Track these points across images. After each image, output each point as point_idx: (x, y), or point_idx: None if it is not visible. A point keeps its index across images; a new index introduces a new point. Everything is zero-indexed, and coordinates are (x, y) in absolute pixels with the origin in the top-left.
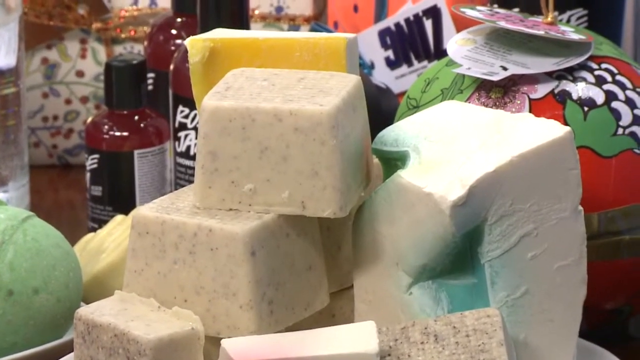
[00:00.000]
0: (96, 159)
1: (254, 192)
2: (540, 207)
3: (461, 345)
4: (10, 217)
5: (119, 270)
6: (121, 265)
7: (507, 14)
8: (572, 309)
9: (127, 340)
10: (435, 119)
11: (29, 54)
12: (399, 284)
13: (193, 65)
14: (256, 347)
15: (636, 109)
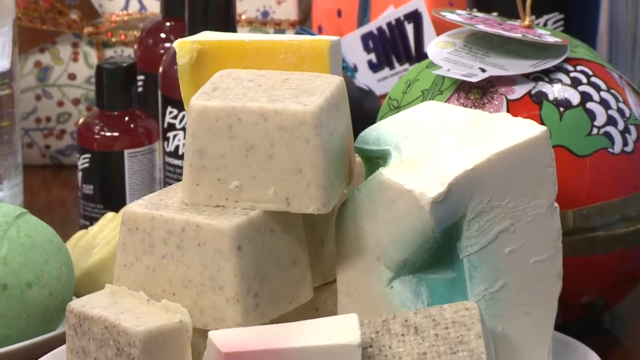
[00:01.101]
0: (88, 159)
1: (240, 189)
2: (517, 203)
3: (440, 337)
4: (4, 214)
5: (109, 265)
6: (112, 260)
7: (485, 18)
8: (548, 302)
9: (117, 332)
10: (416, 119)
11: (23, 58)
12: (380, 278)
13: (181, 66)
14: (242, 339)
15: (610, 109)
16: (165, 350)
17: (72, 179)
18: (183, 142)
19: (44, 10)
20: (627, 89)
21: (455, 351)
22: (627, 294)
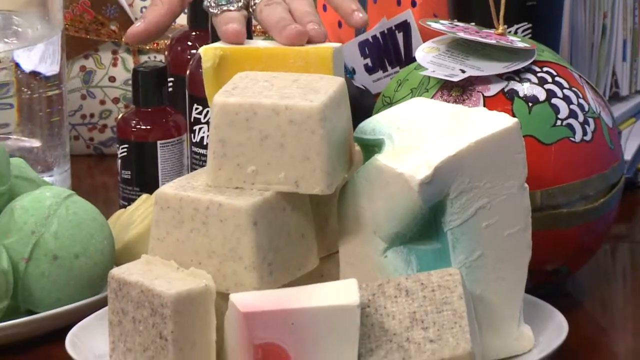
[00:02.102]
0: (126, 149)
1: (256, 173)
2: (493, 184)
3: (428, 298)
4: (55, 195)
5: (144, 238)
6: (146, 234)
7: (465, 27)
8: (520, 269)
9: (151, 295)
10: (406, 113)
11: (70, 63)
12: (376, 248)
13: (205, 69)
14: (258, 300)
15: (572, 104)
16: (192, 310)
17: (112, 166)
18: (207, 134)
19: (88, 22)
20: (586, 87)
21: (440, 310)
22: (587, 262)
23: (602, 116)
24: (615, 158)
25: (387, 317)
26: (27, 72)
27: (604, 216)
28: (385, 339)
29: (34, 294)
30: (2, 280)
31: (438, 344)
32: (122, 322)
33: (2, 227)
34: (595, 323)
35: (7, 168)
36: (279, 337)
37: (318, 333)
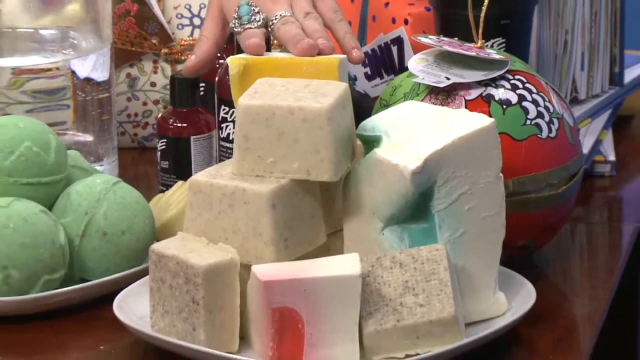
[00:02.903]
0: (164, 143)
1: (274, 163)
2: (473, 174)
3: (418, 270)
4: (104, 182)
5: (180, 218)
6: (181, 215)
7: (449, 41)
8: (495, 245)
9: (186, 266)
10: (400, 113)
11: (117, 71)
12: (375, 227)
13: (232, 76)
14: (276, 271)
15: (539, 107)
16: (220, 279)
17: (152, 157)
18: (232, 131)
19: (133, 37)
20: (551, 92)
21: (429, 280)
22: (551, 239)
23: (565, 116)
24: (576, 152)
25: (383, 285)
26: (81, 78)
27: (566, 201)
28: (382, 304)
29: (87, 265)
30: (60, 253)
31: (427, 308)
32: (160, 288)
33: (60, 209)
34: (558, 290)
35: (65, 159)
36: (293, 302)
37: (326, 298)
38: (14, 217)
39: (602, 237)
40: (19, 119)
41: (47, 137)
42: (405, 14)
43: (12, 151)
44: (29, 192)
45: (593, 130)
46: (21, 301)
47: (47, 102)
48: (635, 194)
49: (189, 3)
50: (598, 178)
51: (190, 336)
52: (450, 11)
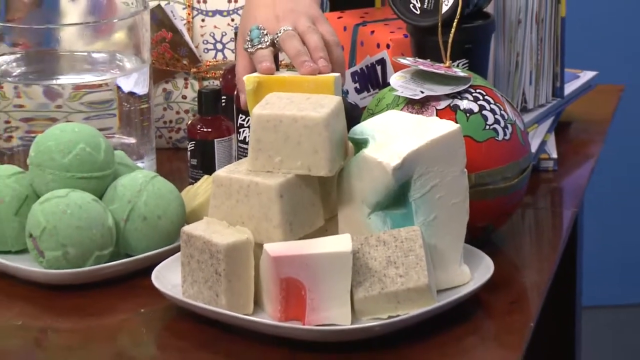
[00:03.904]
0: (193, 144)
1: (281, 162)
2: (443, 169)
3: (398, 247)
4: (144, 176)
5: (205, 206)
6: (207, 203)
7: (423, 62)
8: (461, 227)
9: (210, 244)
10: (384, 121)
11: (155, 86)
12: (363, 213)
13: (247, 91)
14: (283, 248)
15: (496, 115)
16: (238, 255)
17: (184, 156)
18: (248, 135)
19: (168, 59)
20: (506, 103)
21: (407, 255)
22: (506, 221)
23: (517, 122)
24: (526, 151)
25: (370, 259)
26: (125, 92)
27: (518, 191)
28: (369, 275)
29: (130, 243)
30: (109, 234)
31: (405, 278)
32: (190, 262)
33: (109, 198)
34: (511, 263)
35: (112, 157)
36: (297, 273)
37: (324, 270)
38: (71, 205)
39: (547, 220)
40: (75, 125)
41: (98, 140)
42: (387, 40)
43: (69, 151)
44: (83, 184)
45: (539, 134)
46: (77, 273)
47: (98, 111)
48: (573, 185)
49: (213, 32)
50: (543, 172)
51: (214, 301)
52: (424, 38)
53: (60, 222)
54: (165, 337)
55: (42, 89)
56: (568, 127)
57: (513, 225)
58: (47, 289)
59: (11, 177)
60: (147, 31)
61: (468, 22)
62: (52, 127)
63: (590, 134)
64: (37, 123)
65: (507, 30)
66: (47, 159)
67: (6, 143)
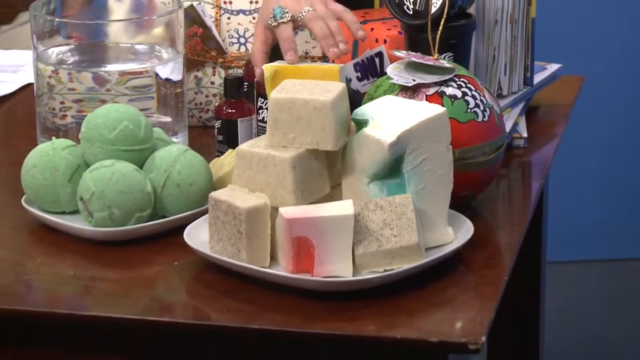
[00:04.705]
0: (220, 123)
1: (294, 138)
2: (431, 145)
3: (393, 211)
4: (178, 149)
5: (230, 175)
6: (231, 173)
7: (415, 54)
8: (446, 194)
9: (233, 208)
10: (381, 104)
11: (188, 74)
12: (363, 182)
13: (266, 78)
14: (295, 211)
15: (476, 100)
16: (257, 217)
17: (212, 133)
18: (266, 115)
19: (199, 50)
20: (485, 90)
21: (400, 218)
22: (484, 190)
23: (494, 107)
24: (501, 131)
25: (369, 222)
26: (162, 78)
27: (494, 165)
28: (368, 235)
29: (166, 206)
30: (147, 198)
31: (399, 238)
32: (216, 223)
33: (148, 167)
34: (488, 226)
35: (151, 133)
36: (307, 233)
37: (330, 231)
38: (116, 173)
39: (518, 189)
40: (120, 106)
41: (139, 119)
42: (384, 35)
43: (115, 128)
44: (126, 156)
45: (512, 116)
46: (121, 231)
47: (140, 94)
48: (540, 160)
49: (237, 28)
50: (515, 149)
51: (236, 256)
52: (416, 34)
53: (106, 188)
54: (195, 285)
55: (91, 75)
56: (536, 110)
57: (490, 194)
58: (94, 245)
59: (65, 149)
60: (181, 27)
61: (453, 21)
62: (100, 107)
63: (555, 117)
64: (85, 104)
65: (486, 28)
66: (96, 134)
67: (61, 120)
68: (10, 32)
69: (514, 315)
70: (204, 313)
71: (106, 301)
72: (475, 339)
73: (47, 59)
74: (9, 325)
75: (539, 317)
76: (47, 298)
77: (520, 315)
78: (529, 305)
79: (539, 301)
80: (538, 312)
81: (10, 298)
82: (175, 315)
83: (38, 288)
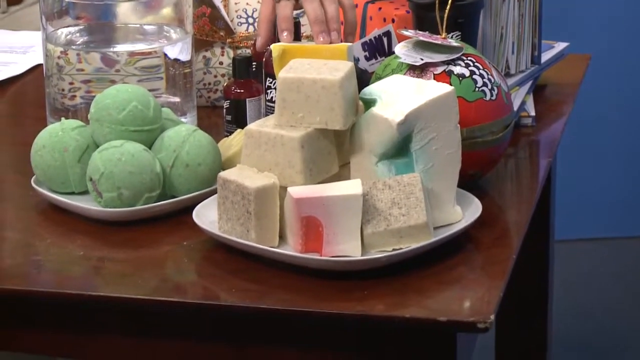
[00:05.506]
0: (229, 103)
1: (303, 117)
2: (439, 124)
3: (402, 190)
4: (187, 129)
5: (239, 155)
6: (240, 152)
7: (423, 34)
8: (454, 173)
9: (242, 187)
10: (389, 83)
11: (196, 54)
12: (371, 161)
13: (274, 57)
14: (304, 191)
15: (484, 79)
16: (265, 197)
17: (221, 113)
18: (274, 95)
19: (207, 31)
20: (492, 69)
21: (409, 197)
22: (492, 169)
23: (502, 85)
24: (509, 110)
25: (378, 201)
26: (171, 59)
27: (502, 143)
28: (377, 214)
29: (175, 186)
30: (157, 178)
31: (407, 217)
32: (225, 203)
33: (157, 147)
34: (496, 205)
35: (160, 114)
36: (315, 212)
37: (338, 210)
38: (125, 153)
39: (526, 168)
40: (129, 86)
41: (148, 99)
42: (392, 15)
43: (124, 108)
44: (135, 136)
45: (520, 95)
46: (130, 211)
47: (148, 74)
48: (548, 138)
49: (245, 8)
50: (523, 127)
51: (245, 235)
52: (424, 13)
53: (116, 168)
54: (204, 265)
55: (99, 56)
56: (544, 89)
57: (498, 172)
58: (104, 225)
59: (75, 129)
60: (189, 7)
61: (461, 0)
62: (109, 87)
63: (563, 95)
64: (94, 84)
65: (494, 7)
66: (105, 114)
67: (70, 101)
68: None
69: (523, 294)
70: (213, 293)
71: (115, 281)
72: (484, 317)
73: (56, 39)
74: (19, 306)
75: (547, 295)
76: (57, 278)
77: (529, 294)
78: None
79: (547, 279)
80: (546, 290)
81: (20, 279)
82: (185, 295)
83: (48, 269)
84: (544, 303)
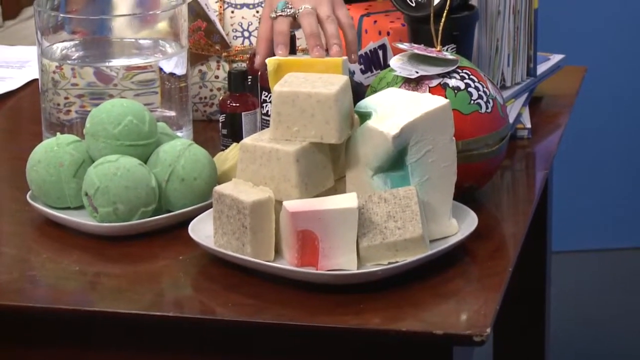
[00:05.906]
0: (224, 116)
1: (298, 131)
2: (435, 137)
3: (397, 204)
4: (182, 143)
5: (234, 169)
6: (235, 166)
7: (418, 47)
8: (450, 186)
9: (238, 202)
10: (385, 96)
11: (192, 68)
12: (367, 174)
13: (269, 71)
14: (299, 205)
15: (479, 91)
16: (261, 211)
17: (216, 127)
18: (270, 109)
19: (203, 45)
20: (488, 81)
21: (404, 210)
22: (487, 181)
23: (497, 98)
24: (504, 122)
25: (373, 214)
26: (167, 73)
27: (498, 155)
28: (372, 227)
29: (170, 200)
30: (152, 193)
31: (403, 230)
32: (220, 217)
33: (152, 162)
34: (492, 217)
35: (155, 128)
36: (311, 226)
37: (334, 224)
38: (120, 168)
39: (522, 180)
40: (124, 101)
41: (143, 113)
42: (387, 28)
43: (119, 123)
44: (131, 151)
45: (516, 107)
46: (125, 226)
47: (144, 89)
48: (544, 150)
49: (241, 22)
50: (519, 139)
51: (241, 250)
52: (419, 26)
53: (111, 183)
54: (200, 280)
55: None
56: (540, 101)
57: (494, 185)
58: (100, 240)
59: (70, 144)
60: (185, 21)
61: (456, 13)
62: (105, 102)
63: (559, 107)
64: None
65: (489, 19)
66: (100, 129)
67: (66, 116)
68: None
69: (520, 306)
70: (209, 307)
71: (111, 296)
72: (480, 331)
73: (52, 54)
74: (15, 322)
75: (544, 307)
76: (53, 294)
77: (526, 305)
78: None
79: (544, 291)
80: (544, 302)
81: (15, 294)
82: (181, 310)
83: (43, 284)
84: (542, 314)
